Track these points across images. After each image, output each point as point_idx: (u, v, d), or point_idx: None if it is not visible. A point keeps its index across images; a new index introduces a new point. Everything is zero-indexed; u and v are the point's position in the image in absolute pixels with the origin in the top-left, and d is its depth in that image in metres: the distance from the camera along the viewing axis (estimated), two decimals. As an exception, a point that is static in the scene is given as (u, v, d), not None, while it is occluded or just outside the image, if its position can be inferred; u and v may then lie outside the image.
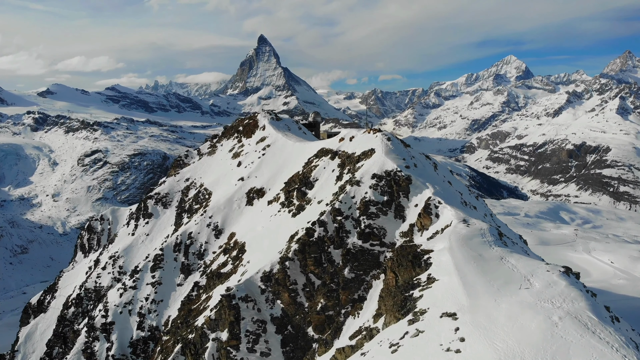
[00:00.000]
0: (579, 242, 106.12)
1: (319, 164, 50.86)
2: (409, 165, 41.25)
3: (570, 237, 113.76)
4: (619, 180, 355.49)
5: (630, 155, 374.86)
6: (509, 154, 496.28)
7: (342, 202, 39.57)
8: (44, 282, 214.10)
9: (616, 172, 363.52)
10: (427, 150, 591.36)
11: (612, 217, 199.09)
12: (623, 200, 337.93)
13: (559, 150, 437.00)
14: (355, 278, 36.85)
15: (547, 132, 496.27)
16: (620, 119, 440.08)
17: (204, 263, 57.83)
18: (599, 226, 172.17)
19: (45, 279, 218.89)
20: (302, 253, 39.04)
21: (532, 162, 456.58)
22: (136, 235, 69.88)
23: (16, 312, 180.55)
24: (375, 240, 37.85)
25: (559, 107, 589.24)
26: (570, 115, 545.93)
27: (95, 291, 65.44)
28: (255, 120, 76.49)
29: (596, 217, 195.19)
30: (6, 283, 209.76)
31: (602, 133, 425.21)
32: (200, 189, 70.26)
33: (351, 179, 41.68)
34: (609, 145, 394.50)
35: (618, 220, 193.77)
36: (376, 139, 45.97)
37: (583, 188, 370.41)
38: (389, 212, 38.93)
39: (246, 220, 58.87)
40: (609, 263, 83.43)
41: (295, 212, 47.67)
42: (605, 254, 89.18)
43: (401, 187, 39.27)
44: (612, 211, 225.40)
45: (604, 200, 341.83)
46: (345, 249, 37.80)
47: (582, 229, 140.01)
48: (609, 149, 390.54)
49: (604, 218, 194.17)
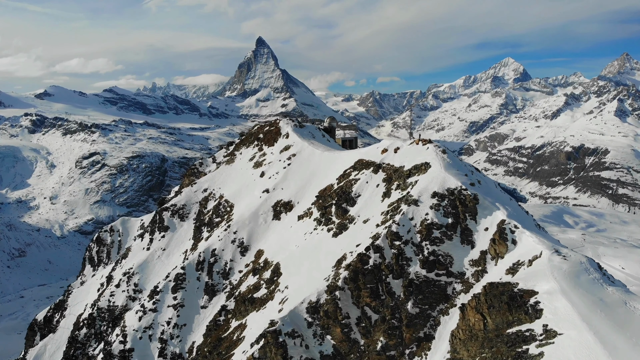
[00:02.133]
0: (588, 247, 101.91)
1: (360, 177, 46.56)
2: (473, 182, 37.09)
3: (579, 242, 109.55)
4: (617, 183, 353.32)
5: (628, 157, 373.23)
6: (507, 156, 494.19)
7: (400, 225, 35.33)
8: (42, 286, 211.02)
9: (615, 174, 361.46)
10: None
11: (616, 220, 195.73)
12: (622, 202, 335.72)
13: (557, 152, 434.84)
14: (420, 313, 32.64)
15: (545, 134, 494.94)
16: (618, 121, 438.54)
17: (229, 283, 53.50)
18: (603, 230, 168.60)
19: (43, 283, 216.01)
20: (354, 282, 34.81)
21: (530, 164, 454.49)
22: (151, 250, 65.41)
23: (14, 317, 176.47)
24: (441, 269, 33.66)
25: (557, 110, 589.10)
26: (568, 117, 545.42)
27: (108, 311, 60.93)
28: (277, 127, 72.16)
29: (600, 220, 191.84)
30: (4, 287, 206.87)
31: (600, 135, 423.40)
32: (221, 200, 65.84)
33: (406, 198, 37.44)
34: (608, 147, 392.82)
35: (622, 223, 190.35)
36: (428, 152, 41.80)
37: (582, 190, 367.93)
38: (454, 237, 34.75)
39: (274, 237, 54.64)
40: (620, 269, 79.39)
41: (336, 232, 43.43)
42: (616, 260, 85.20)
43: (468, 208, 35.11)
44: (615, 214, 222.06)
45: (603, 203, 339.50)
46: (407, 280, 33.58)
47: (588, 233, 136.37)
48: (607, 151, 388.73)
49: (607, 221, 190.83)
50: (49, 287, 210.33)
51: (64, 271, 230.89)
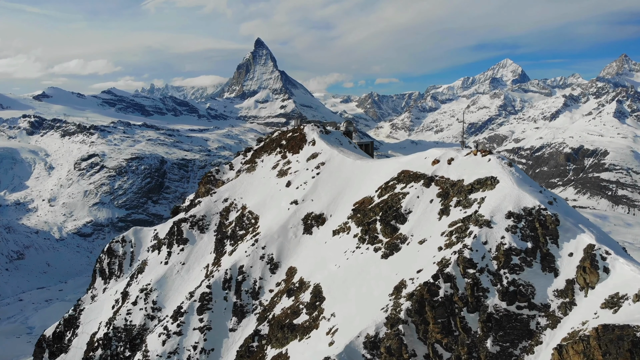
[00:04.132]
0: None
1: (409, 191, 42.54)
2: (550, 200, 33.26)
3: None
4: (617, 184, 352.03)
5: (628, 158, 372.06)
6: (507, 157, 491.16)
7: (473, 250, 31.43)
8: (41, 289, 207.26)
9: (614, 175, 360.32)
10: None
11: (620, 222, 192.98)
12: (621, 203, 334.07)
13: (556, 153, 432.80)
14: (501, 352, 28.79)
15: (544, 135, 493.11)
16: (617, 123, 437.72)
17: (259, 304, 49.51)
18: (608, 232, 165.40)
19: (42, 286, 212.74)
20: (420, 314, 30.91)
21: (529, 165, 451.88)
22: (170, 265, 61.33)
23: (12, 320, 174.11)
24: (523, 301, 29.79)
25: (555, 111, 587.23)
26: (567, 118, 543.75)
27: (125, 330, 56.83)
28: (301, 133, 68.12)
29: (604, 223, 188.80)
30: (2, 290, 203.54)
31: (599, 136, 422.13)
32: (244, 211, 61.79)
33: (475, 218, 33.53)
34: (607, 148, 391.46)
35: (626, 225, 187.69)
36: (491, 164, 37.89)
37: (581, 192, 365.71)
38: (534, 263, 30.89)
39: (307, 253, 50.73)
40: None
41: (386, 252, 39.49)
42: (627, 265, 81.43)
43: (548, 231, 31.27)
44: (619, 217, 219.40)
45: (603, 204, 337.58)
46: (484, 314, 29.68)
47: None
48: (606, 152, 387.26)
49: (611, 224, 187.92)
50: (48, 290, 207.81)
51: (63, 274, 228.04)
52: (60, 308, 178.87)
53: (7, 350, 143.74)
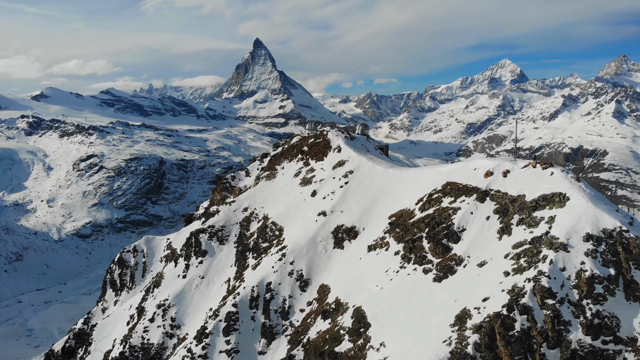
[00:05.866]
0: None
1: (461, 206, 39.26)
2: (630, 220, 30.14)
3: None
4: (616, 184, 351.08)
5: (627, 158, 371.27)
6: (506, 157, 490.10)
7: (551, 277, 28.25)
8: (40, 290, 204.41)
9: (614, 175, 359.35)
10: (423, 154, 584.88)
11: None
12: (621, 203, 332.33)
13: (555, 153, 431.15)
14: (589, 394, 25.64)
15: (543, 135, 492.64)
16: (616, 123, 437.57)
17: (290, 324, 46.23)
18: None
19: (41, 287, 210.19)
20: (491, 350, 27.66)
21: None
22: (188, 278, 57.97)
23: (11, 322, 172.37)
24: (608, 334, 26.67)
25: (554, 111, 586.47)
26: (566, 118, 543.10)
27: (143, 349, 53.47)
28: (325, 139, 64.76)
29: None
30: (1, 292, 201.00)
31: (598, 137, 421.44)
32: (266, 222, 58.47)
33: (549, 240, 30.31)
34: (606, 148, 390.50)
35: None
36: (556, 178, 34.66)
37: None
38: (617, 291, 27.77)
39: (339, 270, 47.46)
40: None
41: (438, 275, 36.25)
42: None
43: (632, 255, 28.15)
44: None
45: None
46: (567, 350, 26.51)
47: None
48: (606, 152, 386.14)
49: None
50: (47, 292, 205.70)
51: (62, 275, 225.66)
52: (60, 310, 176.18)
53: (6, 352, 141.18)
